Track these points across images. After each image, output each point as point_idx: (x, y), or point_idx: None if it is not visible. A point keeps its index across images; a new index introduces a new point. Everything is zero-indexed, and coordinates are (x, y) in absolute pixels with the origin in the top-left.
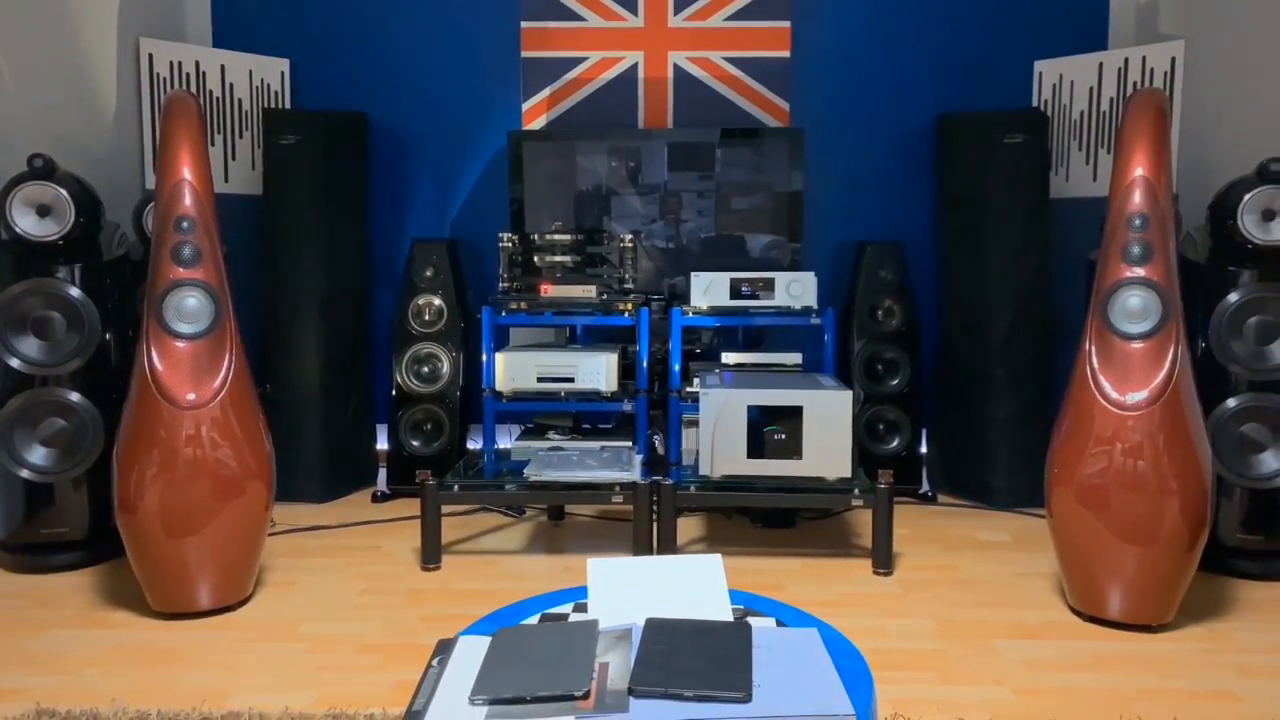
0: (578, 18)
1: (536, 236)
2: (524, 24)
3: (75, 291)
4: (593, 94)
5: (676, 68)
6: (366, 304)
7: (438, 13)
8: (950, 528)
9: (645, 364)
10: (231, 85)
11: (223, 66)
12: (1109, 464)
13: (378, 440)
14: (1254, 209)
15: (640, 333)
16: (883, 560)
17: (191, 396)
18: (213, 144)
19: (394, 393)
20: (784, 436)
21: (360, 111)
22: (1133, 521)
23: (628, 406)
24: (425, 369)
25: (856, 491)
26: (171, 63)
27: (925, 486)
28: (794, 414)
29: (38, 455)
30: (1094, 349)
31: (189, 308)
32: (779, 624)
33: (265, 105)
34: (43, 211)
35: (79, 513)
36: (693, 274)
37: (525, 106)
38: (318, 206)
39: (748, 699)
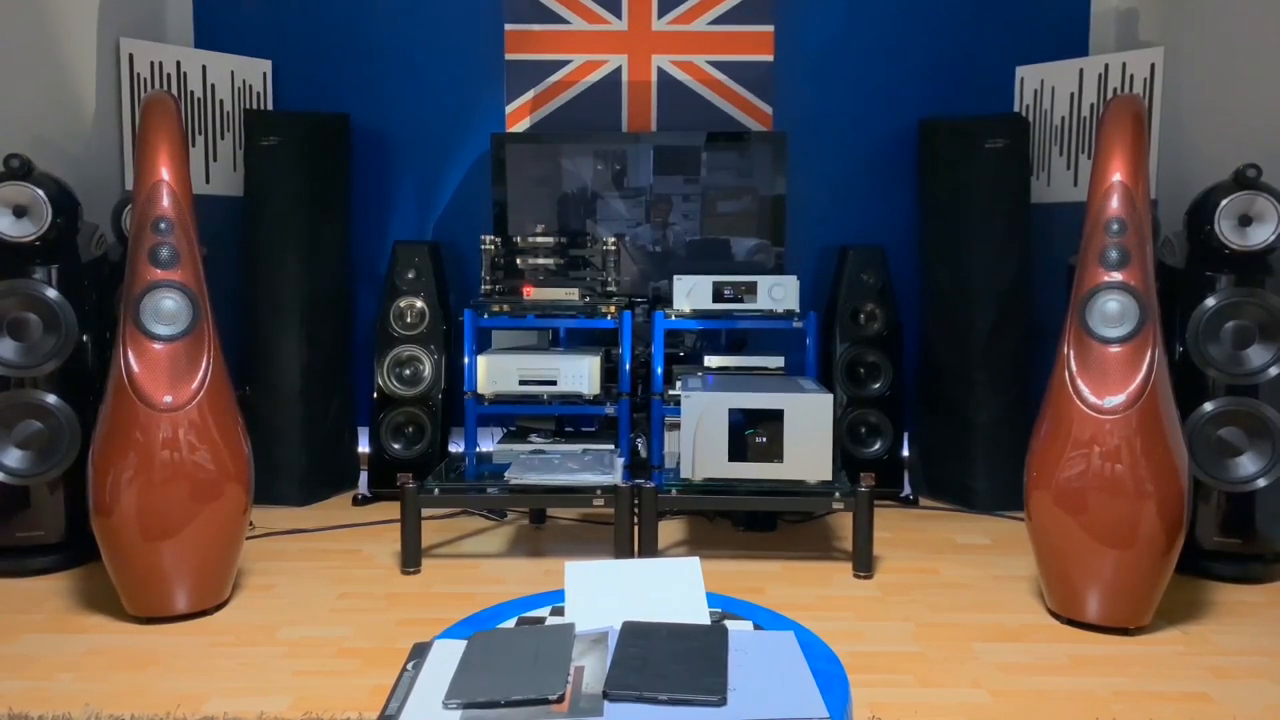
0: (561, 20)
1: (519, 239)
2: (508, 26)
3: (52, 293)
4: (576, 97)
5: (660, 71)
6: (348, 306)
7: (421, 14)
8: (930, 531)
9: (628, 367)
10: (213, 86)
11: (204, 67)
12: (1087, 467)
13: (359, 443)
14: (1231, 214)
15: (623, 336)
16: (863, 563)
17: (168, 399)
18: (193, 145)
19: (375, 395)
20: (765, 440)
21: (342, 113)
22: (1110, 525)
23: (610, 410)
24: (407, 371)
25: (837, 495)
26: (152, 63)
27: (906, 490)
28: (775, 417)
29: (13, 457)
30: (1072, 353)
31: (166, 309)
32: (756, 627)
33: (247, 106)
34: (19, 212)
35: (54, 516)
36: (676, 277)
37: (509, 109)
38: (299, 208)
39: (722, 702)
